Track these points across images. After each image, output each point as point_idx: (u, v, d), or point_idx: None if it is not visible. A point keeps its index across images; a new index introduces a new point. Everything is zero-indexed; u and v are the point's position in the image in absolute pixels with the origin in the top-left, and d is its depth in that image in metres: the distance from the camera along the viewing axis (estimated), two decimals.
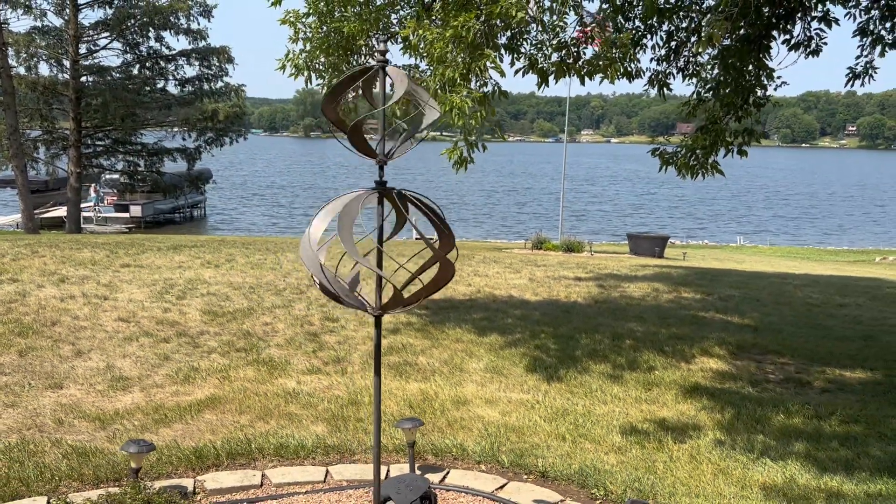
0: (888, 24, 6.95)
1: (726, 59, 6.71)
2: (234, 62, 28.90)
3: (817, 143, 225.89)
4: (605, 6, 6.72)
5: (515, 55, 7.06)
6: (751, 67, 6.81)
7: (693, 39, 7.05)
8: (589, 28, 6.21)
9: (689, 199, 63.49)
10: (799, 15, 6.81)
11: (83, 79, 27.97)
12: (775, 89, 6.95)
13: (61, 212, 32.63)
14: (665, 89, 7.32)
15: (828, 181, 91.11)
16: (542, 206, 53.64)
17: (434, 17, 5.94)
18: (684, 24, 7.03)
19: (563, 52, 5.94)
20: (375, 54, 2.74)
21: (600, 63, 5.83)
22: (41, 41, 26.60)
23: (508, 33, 6.85)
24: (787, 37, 7.01)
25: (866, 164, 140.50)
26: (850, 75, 7.27)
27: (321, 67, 7.13)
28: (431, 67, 5.79)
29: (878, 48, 6.98)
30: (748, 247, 35.61)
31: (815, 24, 6.92)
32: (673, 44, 7.10)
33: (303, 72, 7.01)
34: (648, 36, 6.96)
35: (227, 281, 10.56)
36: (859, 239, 41.84)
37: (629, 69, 6.50)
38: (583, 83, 6.38)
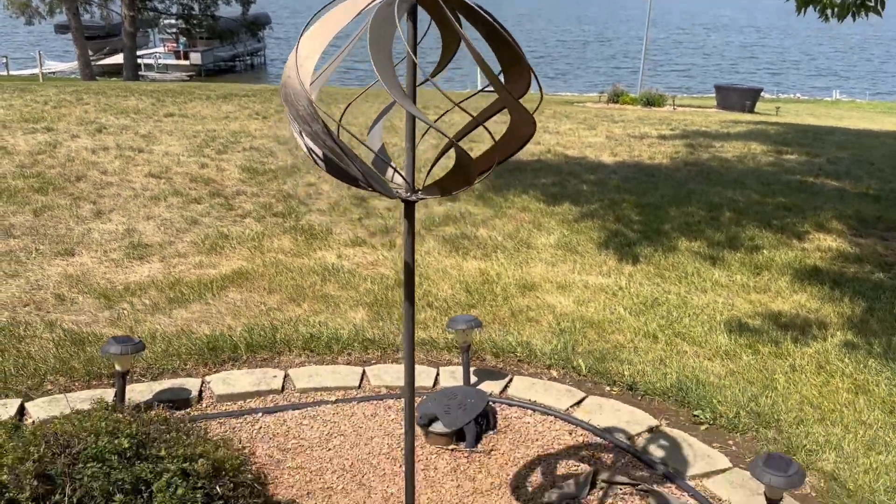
0: None
1: None
2: None
3: None
4: None
5: None
6: None
7: None
8: None
9: (791, 51, 57.80)
10: None
11: None
12: None
13: (121, 58, 31.92)
14: None
15: None
16: (628, 58, 49.25)
17: None
18: None
19: None
20: None
21: None
22: None
23: None
24: None
25: None
26: None
27: None
28: None
29: None
30: (845, 101, 32.45)
31: None
32: None
33: None
34: None
35: (274, 134, 9.66)
36: None
37: None
38: None
